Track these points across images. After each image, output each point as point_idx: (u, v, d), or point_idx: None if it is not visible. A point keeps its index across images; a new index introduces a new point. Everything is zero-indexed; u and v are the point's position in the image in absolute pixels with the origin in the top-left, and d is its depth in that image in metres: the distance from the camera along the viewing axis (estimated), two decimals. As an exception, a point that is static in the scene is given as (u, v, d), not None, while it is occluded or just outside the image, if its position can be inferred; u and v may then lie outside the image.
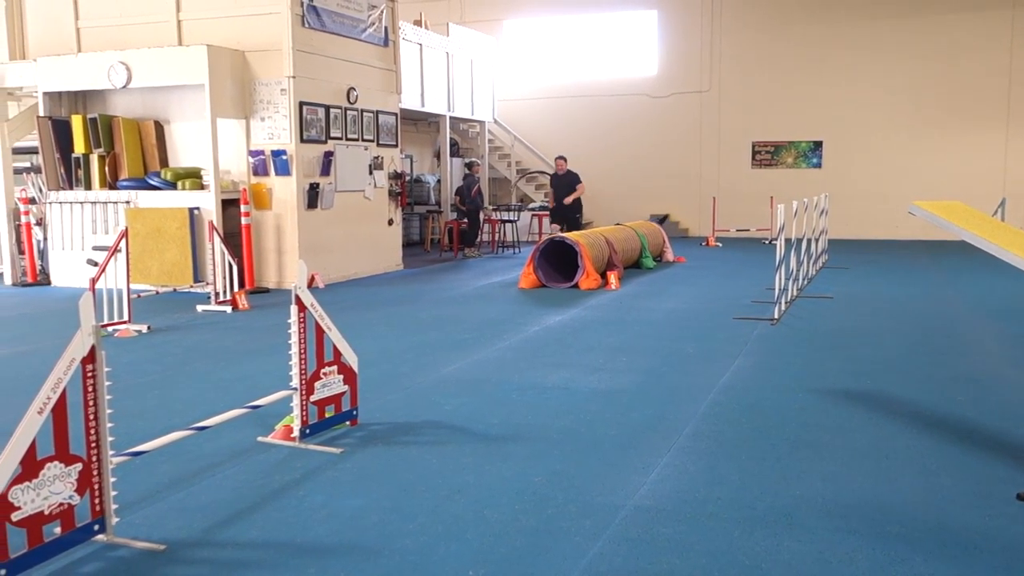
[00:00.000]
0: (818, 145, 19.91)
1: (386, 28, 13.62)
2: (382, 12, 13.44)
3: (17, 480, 3.16)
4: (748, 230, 19.19)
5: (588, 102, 21.22)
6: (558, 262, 11.79)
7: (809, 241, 11.75)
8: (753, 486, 4.21)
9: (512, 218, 17.92)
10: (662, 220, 19.65)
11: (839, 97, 19.53)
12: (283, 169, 11.67)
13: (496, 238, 17.50)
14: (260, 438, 4.96)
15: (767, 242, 18.08)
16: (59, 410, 3.29)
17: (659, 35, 20.79)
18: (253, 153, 11.79)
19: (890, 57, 19.15)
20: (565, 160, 16.05)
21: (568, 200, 15.52)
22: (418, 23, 16.75)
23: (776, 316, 8.87)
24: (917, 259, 15.27)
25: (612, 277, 11.63)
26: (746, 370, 6.72)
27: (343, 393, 5.18)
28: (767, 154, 20.29)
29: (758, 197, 19.74)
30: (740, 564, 3.37)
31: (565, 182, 15.77)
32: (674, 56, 20.67)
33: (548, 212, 16.69)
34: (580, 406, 5.70)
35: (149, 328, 8.60)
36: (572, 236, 11.85)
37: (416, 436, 5.10)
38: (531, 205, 19.78)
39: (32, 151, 13.13)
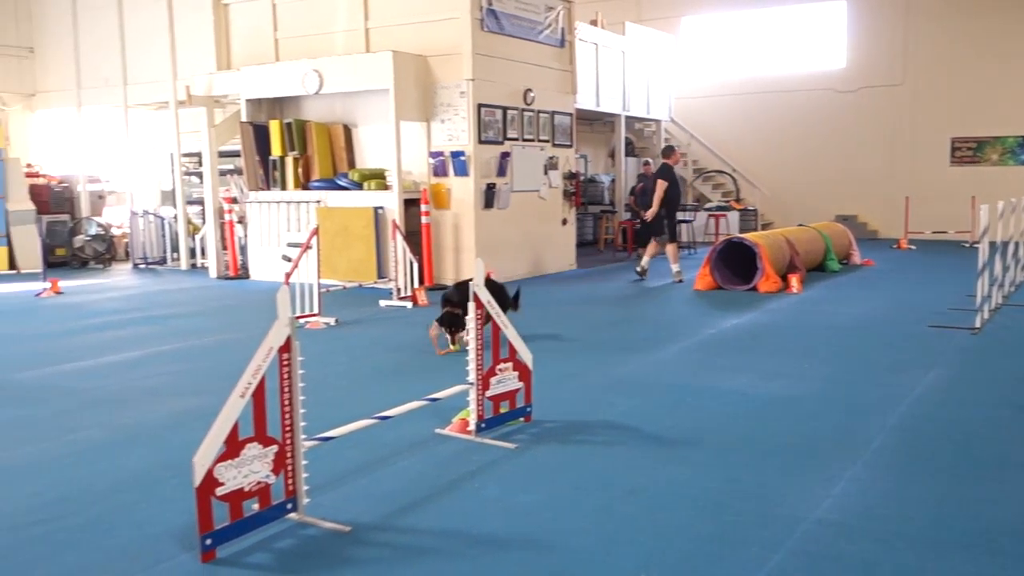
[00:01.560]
0: (1027, 140, 18.36)
1: (563, 29, 13.71)
2: (559, 13, 13.53)
3: (222, 458, 3.41)
4: (945, 232, 17.93)
5: (769, 98, 20.50)
6: (736, 264, 11.46)
7: (1017, 245, 10.85)
8: (949, 505, 3.93)
9: (688, 218, 17.60)
10: (848, 221, 18.71)
11: (1052, 88, 17.93)
12: (461, 170, 11.98)
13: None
14: (437, 430, 5.11)
15: (968, 245, 16.84)
16: (258, 395, 3.52)
17: (848, 26, 19.79)
18: (433, 154, 12.17)
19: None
20: (651, 164, 15.03)
21: (651, 212, 12.29)
22: (594, 23, 16.74)
23: (978, 325, 8.24)
24: None
25: (793, 280, 11.19)
26: (943, 382, 6.29)
27: (518, 390, 5.25)
28: (968, 151, 18.90)
29: (957, 197, 18.38)
30: (934, 587, 3.16)
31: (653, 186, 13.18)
32: (864, 48, 19.61)
33: (639, 221, 14.25)
34: (758, 412, 5.52)
35: (337, 321, 9.04)
36: (751, 237, 11.49)
37: (589, 435, 5.10)
38: (708, 205, 19.36)
39: (235, 154, 14.12)
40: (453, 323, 7.21)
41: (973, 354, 7.24)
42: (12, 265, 14.44)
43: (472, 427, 4.99)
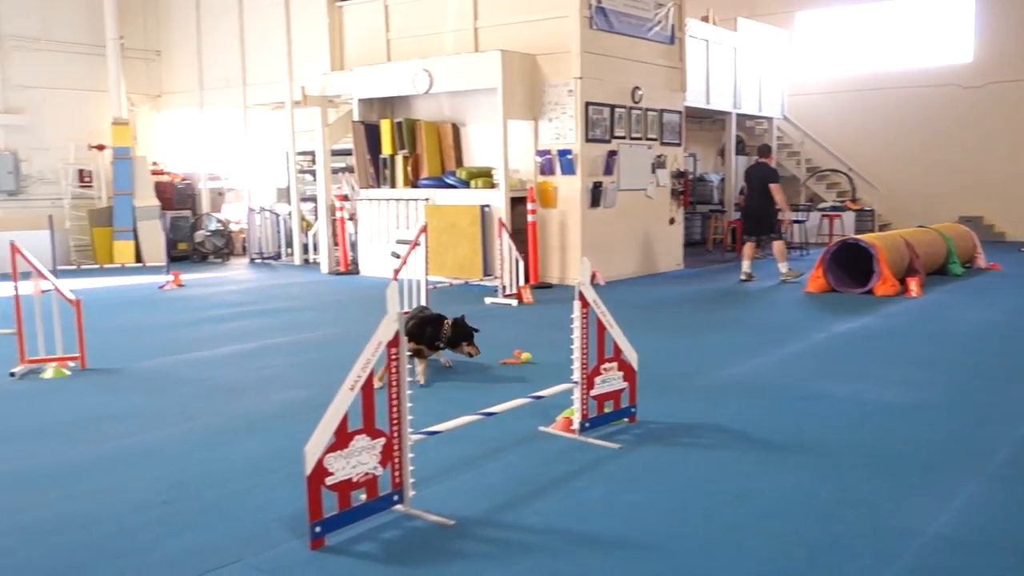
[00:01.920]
0: None
1: (672, 26, 13.52)
2: (669, 10, 13.36)
3: (331, 448, 3.51)
4: (1078, 235, 16.88)
5: (889, 94, 19.71)
6: (850, 266, 11.08)
7: None
8: (1081, 524, 3.71)
9: (801, 218, 17.11)
10: (972, 222, 17.82)
11: None
12: (568, 168, 11.97)
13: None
14: (541, 428, 5.12)
15: (1103, 249, 15.83)
16: (367, 388, 3.60)
17: (976, 18, 18.84)
18: (540, 153, 12.19)
19: None
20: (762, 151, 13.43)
21: (786, 215, 12.43)
22: (705, 19, 16.47)
23: (1113, 333, 7.75)
24: None
25: (912, 283, 10.74)
26: (1073, 393, 5.93)
27: (622, 390, 5.22)
28: (1105, 149, 17.74)
29: (1091, 198, 17.29)
30: (1063, 610, 2.99)
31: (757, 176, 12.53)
32: (994, 41, 18.62)
33: (744, 217, 13.40)
34: (872, 420, 5.33)
35: (442, 317, 9.15)
36: (868, 238, 11.09)
37: (695, 438, 5.02)
38: (821, 205, 18.78)
39: (346, 153, 14.49)
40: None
41: (1110, 365, 6.80)
42: (138, 258, 15.21)
43: (576, 426, 4.98)
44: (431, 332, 6.46)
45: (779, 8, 20.42)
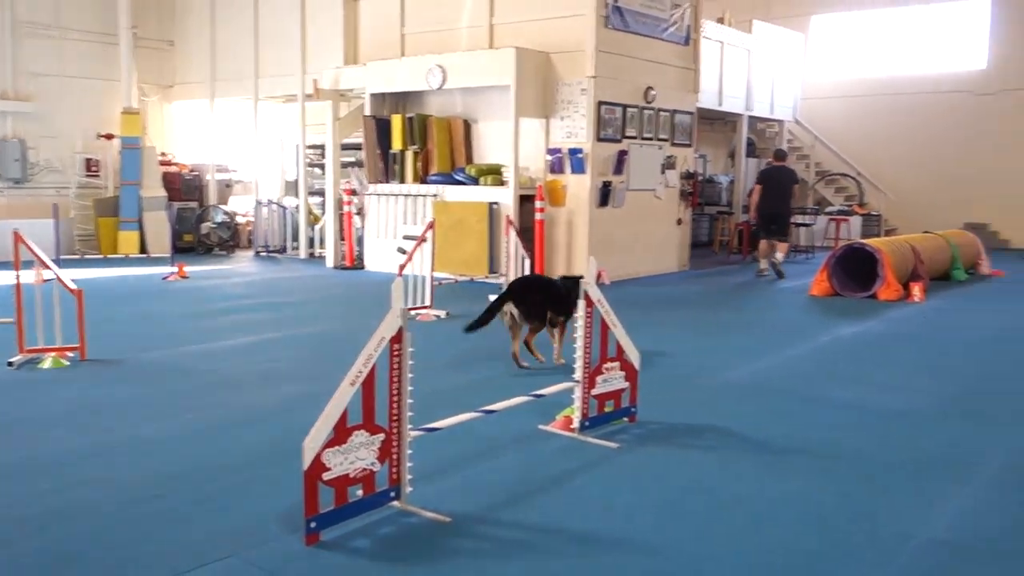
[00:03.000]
0: None
1: (688, 27, 13.50)
2: (685, 11, 13.33)
3: (330, 444, 3.52)
4: (1087, 245, 16.81)
5: (900, 100, 19.63)
6: (855, 270, 11.05)
7: None
8: (1078, 536, 3.70)
9: (808, 222, 17.07)
10: (978, 229, 17.75)
11: None
12: (578, 167, 11.96)
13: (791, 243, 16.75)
14: (541, 426, 5.12)
15: (1112, 259, 15.77)
16: (368, 384, 3.60)
17: (991, 25, 18.74)
18: (551, 151, 12.19)
19: None
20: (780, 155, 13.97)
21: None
22: (721, 20, 16.43)
23: (1119, 345, 7.72)
24: None
25: (916, 289, 10.71)
26: (1076, 403, 5.91)
27: (623, 389, 5.22)
28: (1116, 158, 17.64)
29: (1101, 207, 17.21)
30: (1057, 622, 2.98)
31: (780, 179, 13.19)
32: (1009, 49, 18.52)
33: (759, 218, 13.60)
34: (873, 425, 5.32)
35: (447, 314, 9.17)
36: (873, 243, 11.06)
37: (695, 439, 5.02)
38: (828, 208, 18.72)
39: (356, 147, 14.50)
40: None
41: (1114, 377, 6.78)
42: (143, 249, 15.23)
43: (576, 425, 4.99)
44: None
45: (794, 11, 20.35)
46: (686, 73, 13.68)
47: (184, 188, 16.53)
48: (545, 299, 6.56)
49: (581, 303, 4.88)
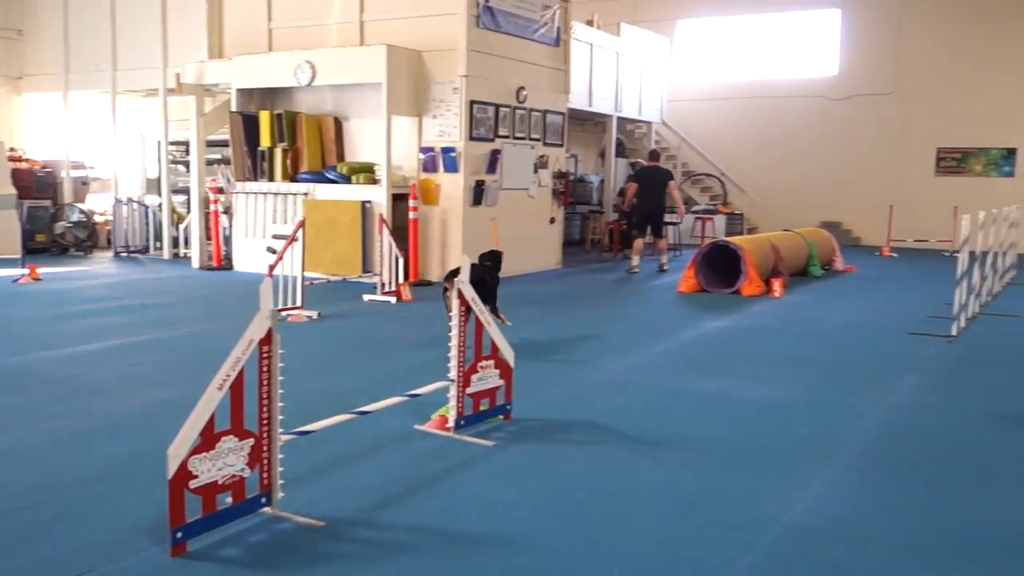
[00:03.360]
0: (1011, 153, 18.50)
1: (558, 28, 13.70)
2: (555, 12, 13.52)
3: (196, 450, 3.39)
4: (927, 241, 18.06)
5: (760, 103, 20.58)
6: (720, 267, 11.50)
7: (996, 255, 10.93)
8: (922, 512, 3.96)
9: (675, 220, 17.63)
10: (833, 227, 18.79)
11: (1039, 101, 18.06)
12: (451, 166, 11.97)
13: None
14: (416, 426, 5.10)
15: (948, 254, 16.96)
16: (236, 387, 3.49)
17: (842, 35, 19.88)
18: (424, 150, 12.14)
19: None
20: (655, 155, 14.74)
21: (678, 203, 14.04)
22: (590, 23, 16.75)
23: (955, 333, 8.31)
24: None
25: (776, 284, 11.24)
26: (920, 389, 6.33)
27: (498, 387, 5.25)
28: (953, 161, 19.03)
29: (940, 206, 18.50)
30: (903, 594, 3.18)
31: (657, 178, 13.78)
32: (857, 57, 19.71)
33: (625, 215, 14.82)
34: (737, 415, 5.55)
35: (319, 315, 9.02)
36: (736, 241, 11.54)
37: (568, 435, 5.11)
38: (695, 208, 19.41)
39: (223, 144, 14.04)
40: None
41: (949, 362, 7.30)
42: (-10, 250, 14.29)
43: (451, 424, 4.99)
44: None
45: (661, 15, 20.98)
46: (557, 74, 13.88)
47: (36, 185, 15.57)
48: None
49: (455, 302, 4.88)
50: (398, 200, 11.94)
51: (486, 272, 7.38)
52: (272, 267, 8.43)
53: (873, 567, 3.40)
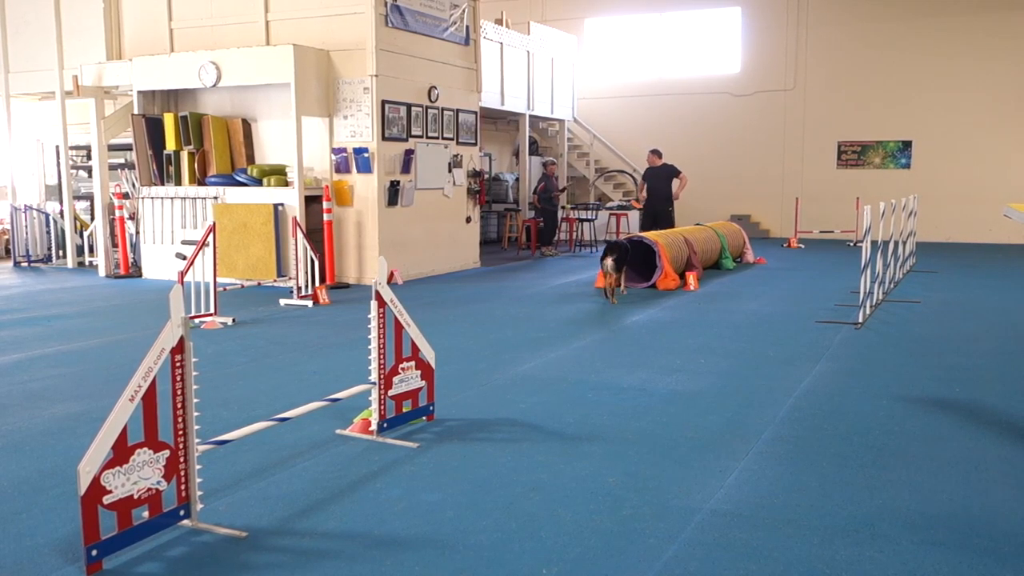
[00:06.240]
0: (907, 145, 19.30)
1: (468, 27, 13.70)
2: (464, 11, 13.52)
3: (109, 464, 3.28)
4: (832, 232, 18.73)
5: (669, 100, 21.00)
6: (636, 262, 11.68)
7: (896, 243, 11.40)
8: (834, 494, 4.10)
9: (590, 217, 17.85)
10: (742, 221, 19.31)
11: (930, 96, 18.89)
12: (365, 167, 11.85)
13: (574, 237, 17.46)
14: (338, 431, 5.04)
15: (852, 244, 17.64)
16: (149, 398, 3.40)
17: (743, 33, 20.44)
18: (336, 151, 12.00)
19: (984, 55, 18.43)
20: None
21: (677, 193, 14.84)
22: (499, 22, 16.81)
23: (860, 320, 8.63)
24: (1011, 263, 14.68)
25: (691, 278, 11.48)
26: (828, 375, 6.55)
27: (420, 389, 5.23)
28: (853, 154, 19.76)
29: (843, 198, 19.26)
30: (819, 574, 3.29)
31: (663, 174, 14.86)
32: (758, 54, 20.30)
33: (641, 211, 15.45)
34: (657, 407, 5.65)
35: (234, 321, 8.83)
36: (651, 236, 11.74)
37: (492, 433, 5.12)
38: (609, 204, 19.67)
39: (126, 148, 13.61)
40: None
41: (856, 348, 7.57)
42: None
43: (374, 427, 4.95)
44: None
45: (569, 14, 21.20)
46: (468, 73, 13.89)
47: (-76, 195, 14.85)
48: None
49: (374, 304, 4.84)
50: (312, 202, 11.78)
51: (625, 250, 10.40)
52: (183, 273, 8.21)
53: (789, 549, 3.50)
